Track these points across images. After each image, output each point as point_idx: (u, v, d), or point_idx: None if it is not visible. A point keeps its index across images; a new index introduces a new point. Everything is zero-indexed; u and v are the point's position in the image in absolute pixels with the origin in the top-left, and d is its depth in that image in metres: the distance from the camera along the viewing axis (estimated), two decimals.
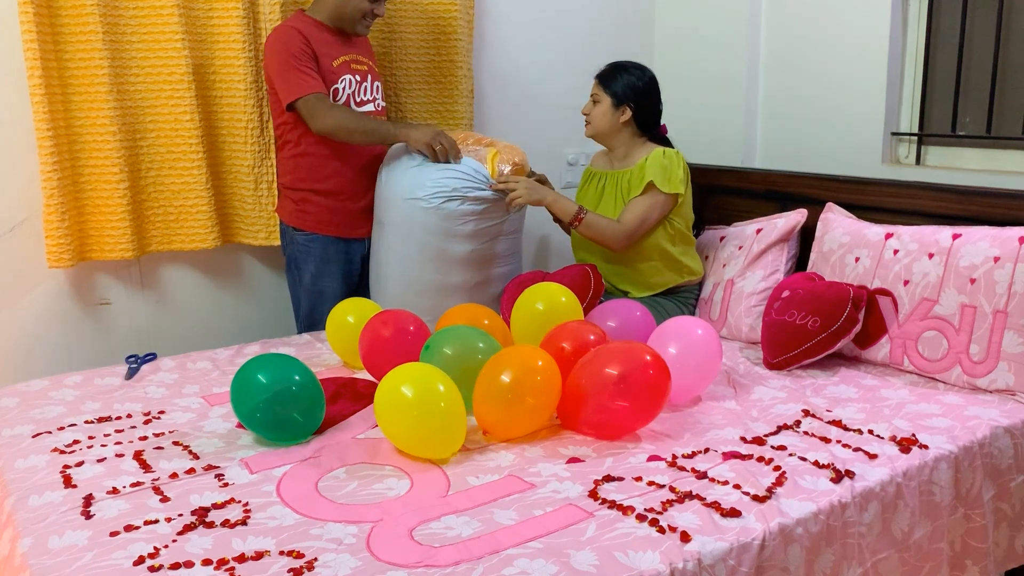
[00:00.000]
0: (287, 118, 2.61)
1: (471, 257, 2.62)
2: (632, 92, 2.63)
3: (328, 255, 2.71)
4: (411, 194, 2.56)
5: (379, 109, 2.75)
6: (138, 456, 1.83)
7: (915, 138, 2.86)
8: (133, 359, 2.43)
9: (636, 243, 2.60)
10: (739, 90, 3.24)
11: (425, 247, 2.59)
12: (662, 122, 2.74)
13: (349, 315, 2.37)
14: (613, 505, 1.58)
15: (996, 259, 2.14)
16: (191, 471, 1.76)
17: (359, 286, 2.84)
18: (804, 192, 2.79)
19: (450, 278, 2.63)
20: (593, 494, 1.63)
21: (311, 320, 2.77)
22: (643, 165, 2.59)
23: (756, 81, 3.22)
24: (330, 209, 2.68)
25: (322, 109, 2.53)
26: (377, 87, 2.74)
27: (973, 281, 2.16)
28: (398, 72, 3.02)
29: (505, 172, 2.61)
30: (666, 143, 2.73)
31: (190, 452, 1.86)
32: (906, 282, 2.28)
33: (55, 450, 1.86)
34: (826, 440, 1.86)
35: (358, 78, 2.66)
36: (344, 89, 2.62)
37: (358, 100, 2.67)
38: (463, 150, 2.64)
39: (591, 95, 2.68)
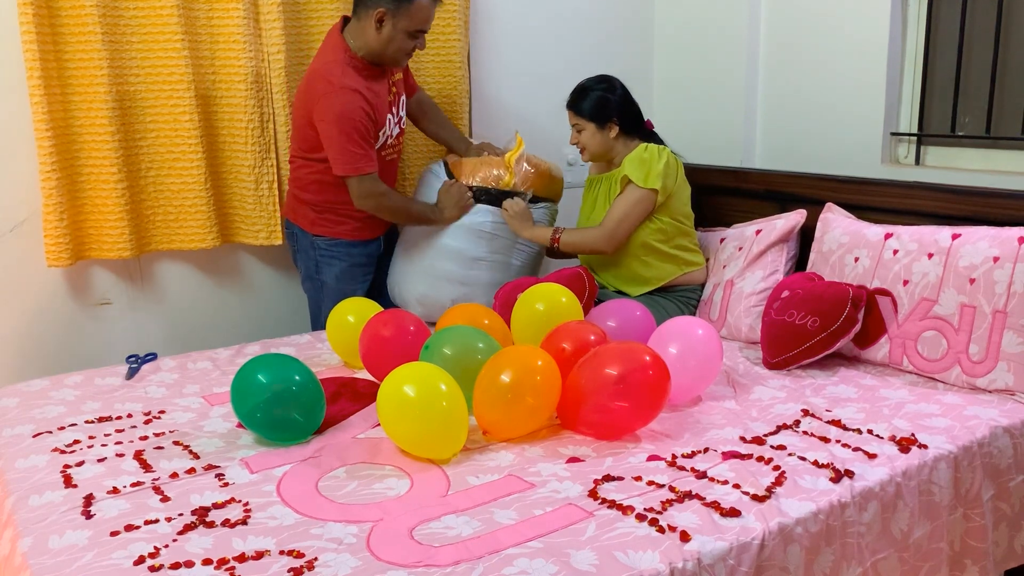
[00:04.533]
0: (319, 155, 2.58)
1: (490, 231, 2.72)
2: (609, 107, 2.63)
3: (352, 258, 2.74)
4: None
5: (403, 128, 2.79)
6: (138, 456, 1.83)
7: (914, 138, 2.86)
8: (133, 359, 2.43)
9: (623, 241, 2.62)
10: (738, 90, 3.24)
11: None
12: (646, 118, 2.75)
13: (349, 315, 2.37)
14: (613, 505, 1.58)
15: (996, 259, 2.14)
16: (191, 471, 1.76)
17: (373, 284, 2.86)
18: (804, 192, 2.79)
19: (466, 247, 2.73)
20: (593, 494, 1.63)
21: None
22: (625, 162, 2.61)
23: (755, 81, 3.22)
24: (352, 218, 2.70)
25: (369, 193, 2.59)
26: (403, 102, 2.76)
27: (973, 281, 2.16)
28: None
29: (525, 170, 2.72)
30: (654, 137, 2.73)
31: (190, 452, 1.86)
32: (905, 282, 2.29)
33: (55, 450, 1.86)
34: (825, 440, 1.86)
35: (393, 112, 2.67)
36: (384, 133, 2.65)
37: (393, 134, 2.71)
38: (485, 161, 2.77)
39: (572, 125, 2.70)
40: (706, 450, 1.83)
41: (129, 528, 1.52)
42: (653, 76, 3.59)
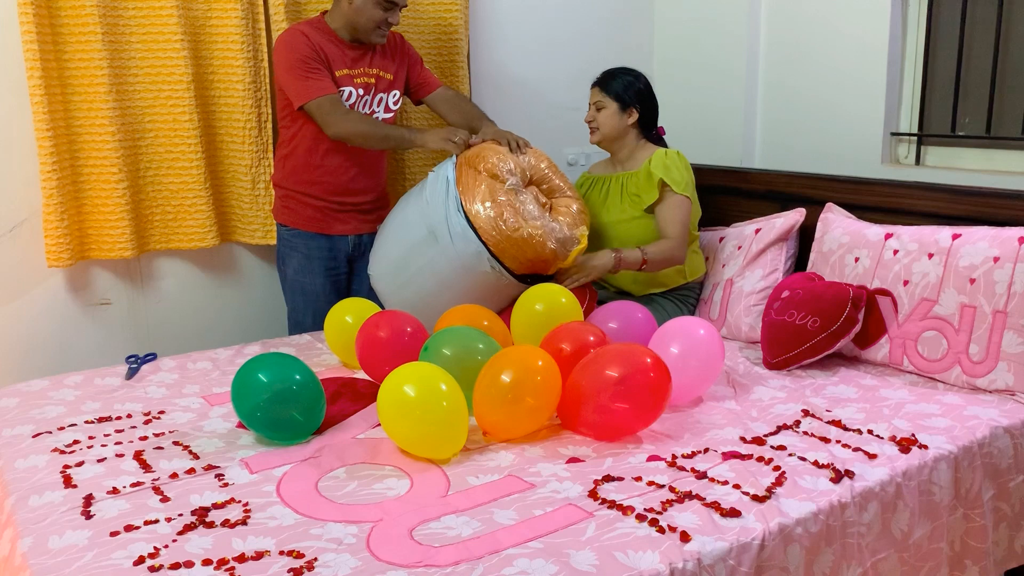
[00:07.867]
0: (288, 120, 2.61)
1: (481, 300, 2.48)
2: (636, 93, 2.67)
3: (310, 251, 2.71)
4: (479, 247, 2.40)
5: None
6: (138, 456, 1.83)
7: (915, 138, 2.86)
8: (133, 359, 2.43)
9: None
10: (739, 90, 3.24)
11: (456, 275, 2.44)
12: (659, 124, 2.77)
13: (347, 315, 2.37)
14: (613, 505, 1.58)
15: (996, 259, 2.14)
16: (191, 471, 1.76)
17: (348, 286, 2.82)
18: (804, 192, 2.79)
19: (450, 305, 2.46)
20: (593, 494, 1.63)
21: (294, 317, 2.77)
22: (648, 166, 2.60)
23: (755, 81, 3.22)
24: (311, 207, 2.68)
25: (335, 114, 2.52)
26: (380, 99, 2.69)
27: (973, 281, 2.16)
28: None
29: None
30: (663, 144, 2.75)
31: (190, 452, 1.86)
32: (906, 282, 2.28)
33: (55, 450, 1.86)
34: (826, 440, 1.86)
35: (360, 91, 2.63)
36: (344, 100, 2.60)
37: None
38: (543, 196, 2.58)
39: (592, 103, 2.70)
40: (706, 450, 1.83)
41: (129, 528, 1.52)
42: (653, 76, 3.55)
